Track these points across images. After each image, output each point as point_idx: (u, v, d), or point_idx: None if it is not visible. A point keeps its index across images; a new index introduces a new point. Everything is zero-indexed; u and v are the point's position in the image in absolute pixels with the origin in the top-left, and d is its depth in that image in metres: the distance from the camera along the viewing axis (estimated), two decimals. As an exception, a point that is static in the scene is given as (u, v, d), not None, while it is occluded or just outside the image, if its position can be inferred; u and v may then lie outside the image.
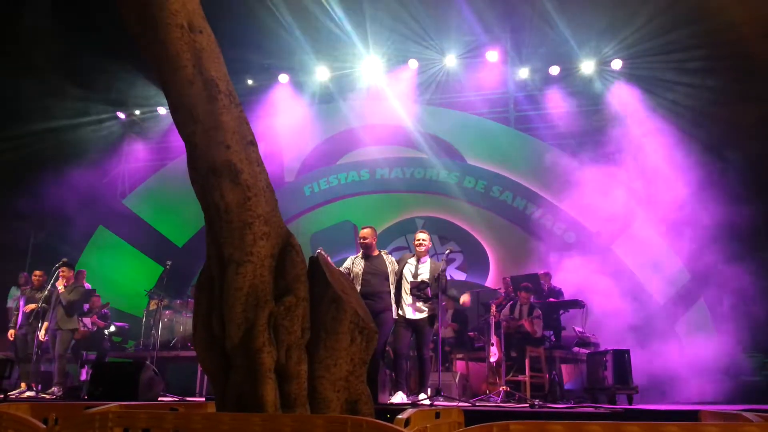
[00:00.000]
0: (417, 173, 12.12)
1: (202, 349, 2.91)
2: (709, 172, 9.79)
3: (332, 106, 12.74)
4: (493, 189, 11.62)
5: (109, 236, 12.80)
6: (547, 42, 11.45)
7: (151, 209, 12.99)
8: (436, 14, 11.46)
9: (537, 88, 11.88)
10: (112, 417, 2.61)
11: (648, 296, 10.17)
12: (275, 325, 2.78)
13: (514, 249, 11.19)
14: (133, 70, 11.47)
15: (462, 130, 12.09)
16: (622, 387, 7.02)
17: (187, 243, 12.49)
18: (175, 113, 2.97)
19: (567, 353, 8.41)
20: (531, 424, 2.09)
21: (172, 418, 2.60)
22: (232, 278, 2.80)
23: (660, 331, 9.72)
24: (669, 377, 8.98)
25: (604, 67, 11.44)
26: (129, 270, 12.23)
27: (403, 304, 6.45)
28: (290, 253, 2.93)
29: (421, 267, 6.57)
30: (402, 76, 12.21)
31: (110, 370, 6.61)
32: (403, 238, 11.67)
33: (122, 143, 13.70)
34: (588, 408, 4.97)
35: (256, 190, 2.92)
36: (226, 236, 2.84)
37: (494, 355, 7.69)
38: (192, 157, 2.94)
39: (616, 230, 10.63)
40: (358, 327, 2.90)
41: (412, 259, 6.66)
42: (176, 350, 9.14)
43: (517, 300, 8.42)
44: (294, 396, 2.73)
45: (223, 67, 3.05)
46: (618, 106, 11.12)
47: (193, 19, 3.00)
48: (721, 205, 9.61)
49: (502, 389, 6.97)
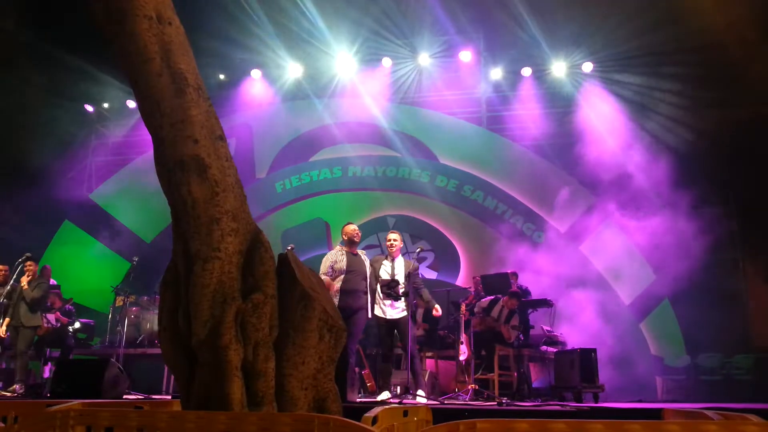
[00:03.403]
0: (389, 171, 12.13)
1: (168, 346, 2.86)
2: (675, 175, 9.98)
3: (305, 103, 12.67)
4: (465, 188, 11.68)
5: (76, 231, 12.56)
6: (520, 44, 11.55)
7: (119, 204, 12.77)
8: (409, 13, 11.48)
9: (509, 89, 11.97)
10: (73, 415, 2.55)
11: (614, 296, 10.34)
12: (242, 323, 2.75)
13: (484, 248, 11.26)
14: (102, 62, 11.24)
15: (434, 130, 12.13)
16: (588, 385, 7.12)
17: (156, 238, 12.31)
18: (142, 106, 2.91)
19: (535, 352, 8.50)
20: (497, 422, 2.09)
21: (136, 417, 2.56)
22: (199, 275, 2.76)
23: (625, 331, 9.88)
24: (634, 376, 9.14)
25: (575, 69, 11.58)
26: (95, 266, 12.02)
27: (381, 306, 6.52)
28: (259, 249, 2.89)
29: (396, 266, 6.69)
30: (375, 75, 12.21)
31: (74, 367, 6.49)
32: (375, 236, 11.65)
33: (90, 137, 13.45)
34: (554, 406, 5.02)
35: (225, 185, 2.88)
36: (193, 232, 2.80)
37: (464, 354, 7.74)
38: (159, 151, 2.89)
39: (584, 231, 10.79)
40: (327, 325, 2.87)
41: (386, 261, 6.76)
42: (143, 347, 9.01)
43: (497, 298, 8.42)
44: (261, 394, 2.70)
45: (192, 61, 3.00)
46: (588, 109, 11.27)
47: (162, 10, 2.94)
48: (687, 207, 9.82)
49: (470, 387, 7.02)
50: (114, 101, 13.22)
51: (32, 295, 7.76)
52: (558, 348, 8.62)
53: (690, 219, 9.71)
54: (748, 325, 9.83)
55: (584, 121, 11.20)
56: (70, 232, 12.54)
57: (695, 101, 10.55)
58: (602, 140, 10.76)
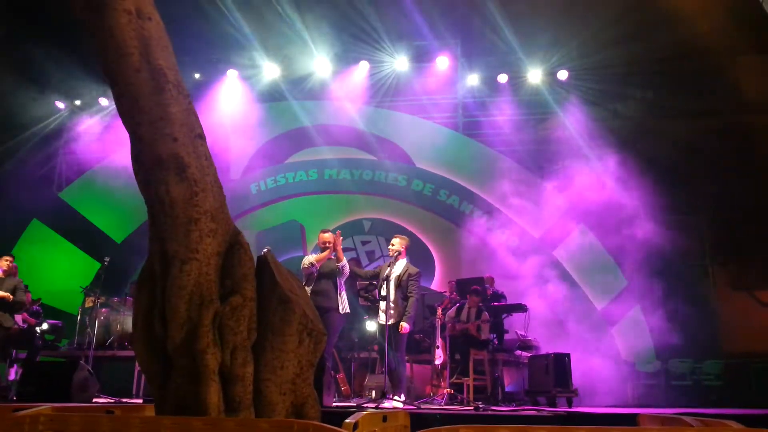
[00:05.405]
0: (365, 175, 12.10)
1: (142, 349, 2.78)
2: (647, 183, 10.12)
3: (281, 104, 12.58)
4: (441, 193, 11.71)
5: (44, 230, 12.26)
6: (496, 51, 11.64)
7: (89, 203, 12.50)
8: (387, 18, 11.48)
9: (485, 95, 12.05)
10: (43, 420, 2.46)
11: (586, 301, 10.44)
12: (220, 326, 2.68)
13: (459, 253, 11.30)
14: (74, 59, 11.00)
15: (411, 134, 12.13)
16: (562, 390, 7.16)
17: (126, 239, 12.09)
18: (119, 103, 2.83)
19: (509, 356, 8.53)
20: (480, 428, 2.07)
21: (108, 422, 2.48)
22: (176, 276, 2.69)
23: (597, 336, 9.98)
24: (604, 380, 9.23)
25: (551, 77, 11.69)
26: (64, 265, 11.74)
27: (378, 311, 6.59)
28: (238, 251, 2.83)
29: (394, 271, 6.77)
30: (353, 78, 12.18)
31: (42, 369, 6.31)
32: (351, 239, 11.61)
33: (60, 135, 13.16)
34: (531, 411, 5.04)
35: (204, 185, 2.82)
36: (170, 232, 2.73)
37: (439, 358, 7.73)
38: (136, 148, 2.81)
39: (558, 236, 10.89)
40: (306, 328, 2.83)
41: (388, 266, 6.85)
42: (113, 350, 8.81)
43: (464, 302, 8.48)
44: (238, 399, 2.64)
45: (172, 57, 2.93)
46: (563, 115, 11.39)
47: (141, 5, 2.87)
48: (658, 215, 9.97)
49: (446, 391, 7.01)
50: (86, 98, 12.96)
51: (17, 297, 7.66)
52: (531, 352, 8.67)
53: (661, 226, 9.86)
54: (717, 332, 10.01)
55: (559, 127, 11.32)
56: (38, 231, 12.24)
57: (668, 110, 10.73)
58: (576, 147, 10.88)
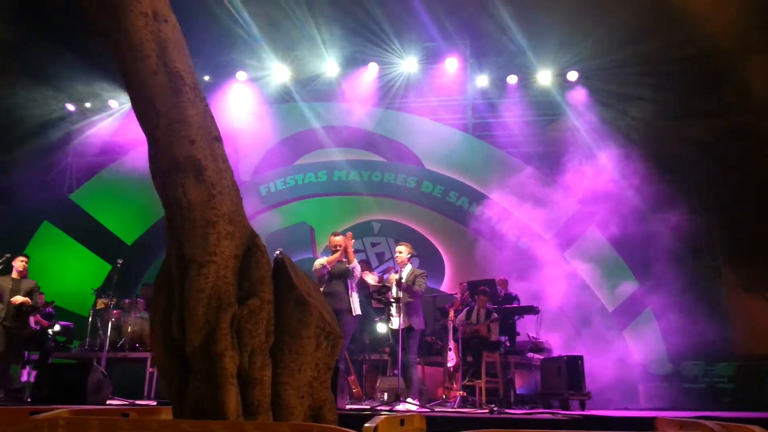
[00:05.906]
0: (375, 176, 12.08)
1: (160, 352, 2.78)
2: (658, 184, 10.07)
3: (291, 106, 12.58)
4: (450, 194, 11.68)
5: (55, 232, 12.31)
6: (506, 52, 11.61)
7: (100, 205, 12.53)
8: (396, 19, 11.46)
9: (495, 96, 12.01)
10: (62, 423, 2.46)
11: (598, 303, 10.38)
12: (238, 329, 2.68)
13: (469, 254, 11.24)
14: (85, 61, 11.05)
15: (420, 135, 12.10)
16: (575, 393, 7.12)
17: (137, 240, 12.11)
18: (136, 105, 2.83)
19: (521, 359, 8.50)
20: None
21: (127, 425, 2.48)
22: (194, 279, 2.68)
23: (609, 338, 9.93)
24: (617, 383, 9.17)
25: (561, 78, 11.64)
26: (75, 267, 11.78)
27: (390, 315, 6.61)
28: (255, 254, 2.82)
29: (402, 274, 6.79)
30: (362, 79, 12.17)
31: (56, 371, 6.31)
32: (360, 241, 11.59)
33: (71, 137, 13.22)
34: (545, 414, 5.00)
35: (221, 187, 2.81)
36: (188, 235, 2.72)
37: (452, 360, 7.70)
38: (153, 151, 2.81)
39: (569, 238, 10.83)
40: (324, 331, 2.81)
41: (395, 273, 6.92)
42: (124, 351, 8.83)
43: (474, 304, 8.45)
44: (257, 402, 2.63)
45: (188, 59, 2.93)
46: (573, 117, 11.34)
47: (158, 7, 2.88)
48: (669, 216, 9.91)
49: (459, 394, 6.97)
50: (96, 101, 13.01)
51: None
52: (543, 355, 8.62)
53: (673, 228, 9.80)
54: (730, 334, 9.92)
55: (569, 128, 11.26)
56: (49, 233, 12.29)
57: (680, 110, 10.66)
58: (587, 148, 10.83)
